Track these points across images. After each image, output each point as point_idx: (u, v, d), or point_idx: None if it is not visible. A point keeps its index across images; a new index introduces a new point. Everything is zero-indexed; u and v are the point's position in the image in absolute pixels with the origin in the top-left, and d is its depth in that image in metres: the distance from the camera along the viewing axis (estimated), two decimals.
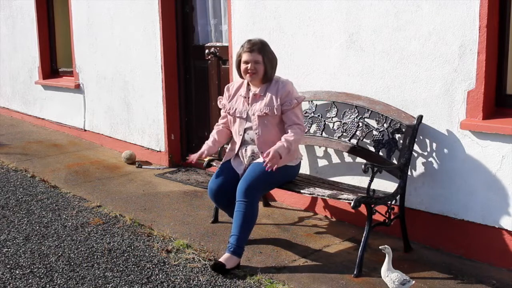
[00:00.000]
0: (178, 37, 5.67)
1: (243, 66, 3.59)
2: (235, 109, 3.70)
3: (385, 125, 3.75)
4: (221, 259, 3.37)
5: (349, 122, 3.94)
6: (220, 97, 3.88)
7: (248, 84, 3.69)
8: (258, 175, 3.50)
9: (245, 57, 3.57)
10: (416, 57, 3.60)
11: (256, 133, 3.61)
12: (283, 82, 3.61)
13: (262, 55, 3.55)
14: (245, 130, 3.67)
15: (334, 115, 4.06)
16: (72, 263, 3.52)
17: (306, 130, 4.19)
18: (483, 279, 3.25)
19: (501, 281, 3.23)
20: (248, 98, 3.65)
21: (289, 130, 3.54)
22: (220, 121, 3.89)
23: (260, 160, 3.56)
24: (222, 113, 3.86)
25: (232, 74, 4.90)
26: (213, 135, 3.83)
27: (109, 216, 4.37)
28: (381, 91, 3.82)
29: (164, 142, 5.79)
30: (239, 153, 3.73)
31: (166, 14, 5.59)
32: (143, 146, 6.11)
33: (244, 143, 3.70)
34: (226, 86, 3.84)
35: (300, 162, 3.79)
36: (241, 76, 3.70)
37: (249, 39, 3.65)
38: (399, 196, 3.57)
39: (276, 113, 3.56)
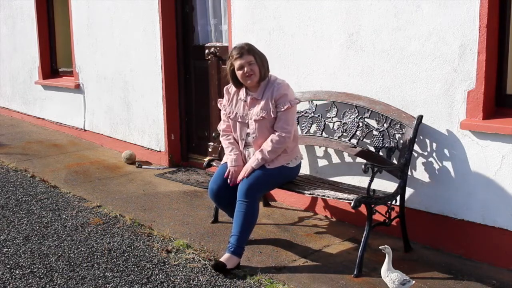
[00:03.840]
0: (178, 37, 5.67)
1: (239, 73, 3.54)
2: (236, 114, 3.69)
3: (385, 125, 3.75)
4: (222, 259, 3.37)
5: (349, 122, 3.94)
6: (220, 99, 3.86)
7: (247, 88, 3.67)
8: (259, 176, 3.51)
9: (238, 62, 3.52)
10: (416, 57, 3.60)
11: (253, 137, 3.62)
12: (279, 83, 3.57)
13: (253, 54, 3.54)
14: (247, 134, 3.67)
15: (334, 115, 4.06)
16: (72, 263, 3.52)
17: (306, 130, 4.20)
18: (483, 279, 3.25)
19: (501, 281, 3.23)
20: (247, 102, 3.64)
21: (271, 137, 3.53)
22: (222, 126, 3.82)
23: None
24: (223, 116, 3.82)
25: None
26: (233, 153, 3.68)
27: (109, 216, 4.37)
28: (381, 91, 3.82)
29: (164, 142, 5.79)
30: (242, 154, 3.72)
31: (166, 14, 5.59)
32: (143, 146, 6.11)
33: (246, 145, 3.71)
34: (225, 88, 3.80)
35: (300, 162, 3.78)
36: (238, 85, 3.65)
37: (234, 46, 3.63)
38: (399, 196, 3.57)
39: (272, 116, 3.55)
